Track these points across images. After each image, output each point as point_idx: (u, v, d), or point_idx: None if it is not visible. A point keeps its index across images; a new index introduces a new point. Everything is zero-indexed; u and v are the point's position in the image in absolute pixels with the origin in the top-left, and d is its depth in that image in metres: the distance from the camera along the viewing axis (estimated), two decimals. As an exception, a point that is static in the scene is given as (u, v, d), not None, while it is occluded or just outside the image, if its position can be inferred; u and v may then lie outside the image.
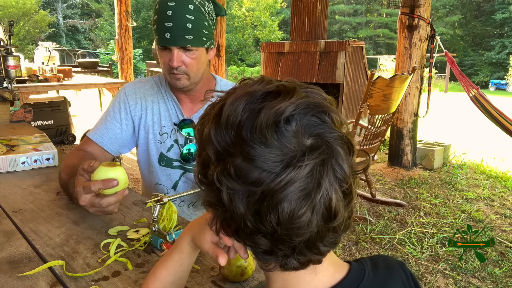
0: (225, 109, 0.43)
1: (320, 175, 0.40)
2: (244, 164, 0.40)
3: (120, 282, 0.77)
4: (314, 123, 0.41)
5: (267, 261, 0.46)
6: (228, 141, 0.42)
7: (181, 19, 1.12)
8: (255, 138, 0.40)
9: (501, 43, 24.89)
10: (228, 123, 0.42)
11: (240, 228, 0.43)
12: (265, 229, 0.42)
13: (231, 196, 0.41)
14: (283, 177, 0.39)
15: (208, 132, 0.43)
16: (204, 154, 0.44)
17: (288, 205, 0.40)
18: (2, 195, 1.20)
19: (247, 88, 0.44)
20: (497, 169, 4.62)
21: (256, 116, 0.41)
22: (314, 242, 0.43)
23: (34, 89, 3.77)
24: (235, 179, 0.41)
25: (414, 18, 3.74)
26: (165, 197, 0.86)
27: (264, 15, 23.96)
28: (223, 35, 5.44)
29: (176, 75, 1.19)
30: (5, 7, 20.61)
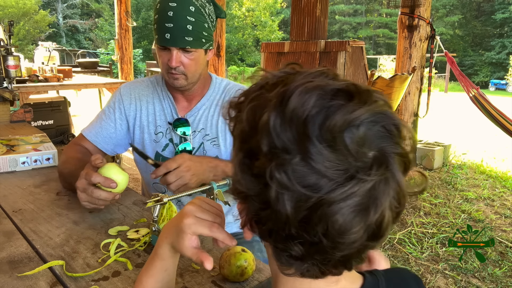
0: (292, 100, 0.38)
1: (381, 193, 0.38)
2: (302, 165, 0.37)
3: (120, 282, 0.77)
4: (380, 135, 0.38)
5: (290, 265, 0.43)
6: (289, 136, 0.38)
7: (181, 20, 1.13)
8: (323, 139, 0.36)
9: (501, 43, 24.90)
10: (294, 116, 0.38)
11: (277, 230, 0.40)
12: (308, 237, 0.39)
13: (280, 195, 0.38)
14: (345, 189, 0.36)
15: (267, 121, 0.38)
16: (254, 142, 0.40)
17: (341, 218, 0.37)
18: (2, 195, 1.20)
19: (316, 80, 0.40)
20: (497, 169, 4.62)
21: (328, 115, 0.37)
22: (350, 259, 0.41)
23: (34, 89, 3.77)
24: (291, 179, 0.37)
25: (414, 18, 3.74)
26: (165, 197, 0.86)
27: (264, 15, 23.97)
28: (223, 35, 5.44)
29: (174, 75, 1.21)
30: (5, 7, 20.62)
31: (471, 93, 3.69)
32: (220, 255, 0.81)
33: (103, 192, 0.98)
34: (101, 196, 0.98)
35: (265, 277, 0.79)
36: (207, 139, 1.29)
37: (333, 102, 0.38)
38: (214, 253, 0.89)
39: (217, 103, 1.32)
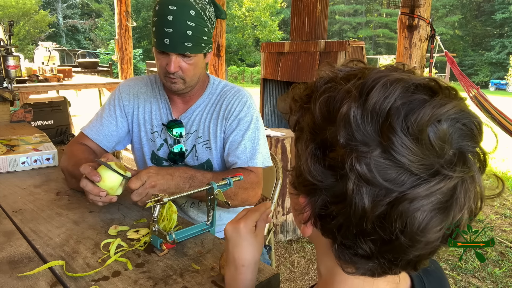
0: (374, 92, 0.37)
1: (463, 193, 0.37)
2: (384, 157, 0.36)
3: (120, 282, 0.77)
4: (462, 133, 0.37)
5: (354, 263, 0.42)
6: (369, 128, 0.37)
7: (181, 25, 1.10)
8: (408, 131, 0.35)
9: (501, 43, 24.90)
10: (376, 108, 0.37)
11: (347, 225, 0.39)
12: (382, 234, 0.37)
13: (359, 188, 0.36)
14: (430, 185, 0.35)
15: (347, 112, 0.37)
16: (331, 133, 0.39)
17: (422, 216, 0.36)
18: (2, 195, 1.20)
19: (396, 73, 0.39)
20: (497, 169, 4.62)
21: (412, 108, 0.36)
22: (421, 260, 0.40)
23: (34, 89, 3.77)
24: (372, 171, 0.35)
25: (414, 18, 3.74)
26: (165, 197, 0.86)
27: (264, 15, 23.96)
28: (223, 35, 5.43)
29: (172, 79, 1.19)
30: (5, 7, 20.61)
31: (471, 93, 3.69)
32: (220, 255, 0.81)
33: (95, 188, 0.99)
34: (93, 191, 0.99)
35: (265, 277, 0.79)
36: (199, 141, 1.28)
37: (416, 96, 0.37)
38: (214, 253, 0.89)
39: (211, 105, 1.30)
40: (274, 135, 2.65)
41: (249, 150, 1.23)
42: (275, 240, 2.71)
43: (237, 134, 1.24)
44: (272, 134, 2.69)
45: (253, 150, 1.23)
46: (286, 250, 2.62)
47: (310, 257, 2.53)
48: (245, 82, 20.71)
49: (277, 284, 0.81)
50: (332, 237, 0.42)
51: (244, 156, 1.22)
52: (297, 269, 2.40)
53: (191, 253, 0.88)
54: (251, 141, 1.24)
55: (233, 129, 1.24)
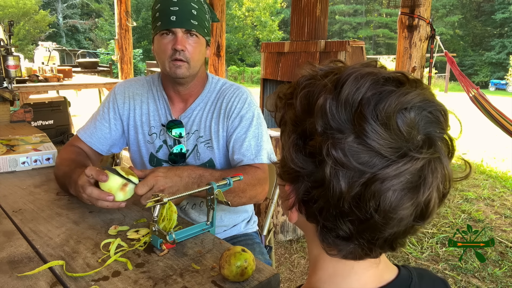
0: (347, 85, 0.41)
1: (430, 173, 0.40)
2: (357, 142, 0.39)
3: (120, 282, 0.77)
4: (428, 120, 0.41)
5: (336, 246, 0.45)
6: (343, 117, 0.41)
7: (187, 4, 1.15)
8: (378, 118, 0.39)
9: (501, 43, 24.89)
10: (349, 99, 0.41)
11: (327, 207, 0.42)
12: (359, 214, 0.41)
13: (335, 172, 0.40)
14: (398, 166, 0.39)
15: (323, 103, 0.42)
16: (309, 123, 0.43)
17: (393, 194, 0.39)
18: (2, 195, 1.20)
19: (368, 68, 0.43)
20: (497, 169, 4.62)
21: (381, 98, 0.40)
22: (396, 238, 0.44)
23: (34, 89, 3.77)
24: (347, 155, 0.39)
25: (414, 18, 3.74)
26: (165, 197, 0.86)
27: (264, 15, 23.96)
28: (223, 35, 5.43)
29: (177, 62, 1.17)
30: (5, 7, 20.61)
31: (471, 93, 3.69)
32: (220, 255, 0.81)
33: (95, 191, 0.98)
34: (93, 194, 0.98)
35: (265, 277, 0.79)
36: (200, 141, 1.27)
37: (385, 87, 0.41)
38: (214, 253, 0.89)
39: (211, 104, 1.28)
40: (274, 135, 2.65)
41: (254, 147, 1.23)
42: (275, 240, 2.71)
43: (240, 132, 1.23)
44: (272, 134, 2.69)
45: (257, 146, 1.23)
46: (286, 250, 2.62)
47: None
48: (245, 82, 20.70)
49: (277, 284, 0.81)
50: (315, 220, 0.45)
51: (249, 153, 1.22)
52: (297, 269, 2.40)
53: (191, 253, 0.88)
54: (255, 137, 1.24)
55: (235, 127, 1.24)
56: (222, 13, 5.42)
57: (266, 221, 1.48)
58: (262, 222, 1.51)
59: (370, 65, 0.45)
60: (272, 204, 1.47)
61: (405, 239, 0.45)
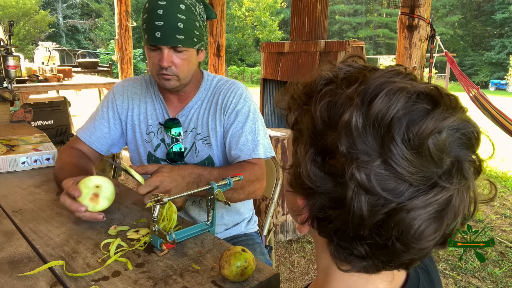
0: (378, 101, 0.37)
1: (459, 202, 0.37)
2: (384, 168, 0.36)
3: (120, 282, 0.77)
4: (459, 142, 0.37)
5: (349, 262, 0.43)
6: (370, 138, 0.37)
7: (172, 18, 1.10)
8: (409, 143, 0.35)
9: (501, 43, 24.89)
10: (378, 118, 0.36)
11: (344, 229, 0.39)
12: (378, 240, 0.38)
13: (357, 196, 0.37)
14: (428, 197, 0.36)
15: (349, 120, 0.37)
16: (331, 139, 0.39)
17: (418, 224, 0.37)
18: (2, 195, 1.20)
19: (398, 81, 0.39)
20: (497, 169, 4.62)
21: (414, 119, 0.36)
22: (415, 261, 0.42)
23: (34, 89, 3.77)
24: (372, 181, 0.36)
25: (414, 18, 3.74)
26: (165, 197, 0.86)
27: (264, 15, 23.96)
28: (223, 35, 5.43)
29: (165, 76, 1.16)
30: (5, 7, 20.61)
31: (471, 93, 3.69)
32: (220, 255, 0.81)
33: (68, 200, 0.98)
34: (66, 202, 0.98)
35: (265, 277, 0.79)
36: (198, 138, 1.27)
37: (418, 105, 0.37)
38: (214, 253, 0.89)
39: (208, 101, 1.28)
40: (274, 135, 2.65)
41: (251, 142, 1.22)
42: (275, 240, 2.71)
43: (236, 127, 1.23)
44: (272, 134, 2.68)
45: (254, 141, 1.23)
46: (286, 250, 2.62)
47: (310, 257, 2.53)
48: (245, 82, 20.71)
49: (277, 284, 0.81)
50: (329, 238, 0.43)
51: (246, 149, 1.21)
52: (297, 269, 2.40)
53: (191, 253, 0.88)
54: (252, 132, 1.23)
55: (231, 122, 1.24)
56: (222, 13, 5.42)
57: (266, 221, 1.48)
58: (262, 222, 1.51)
59: (399, 73, 0.41)
60: (272, 204, 1.47)
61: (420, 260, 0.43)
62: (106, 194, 1.01)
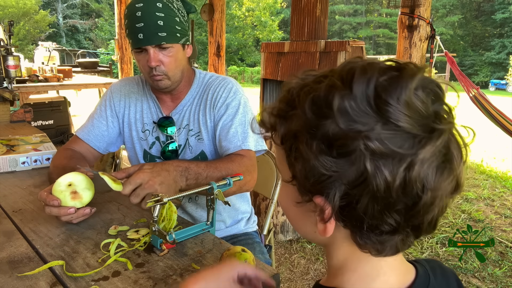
0: (357, 78, 0.41)
1: (454, 143, 0.42)
2: (387, 128, 0.39)
3: (120, 282, 0.77)
4: (432, 95, 0.42)
5: (381, 243, 0.45)
6: (364, 109, 0.40)
7: (151, 17, 1.11)
8: (400, 100, 0.39)
9: (501, 43, 24.88)
10: (364, 90, 0.41)
11: (373, 203, 0.41)
12: (406, 200, 0.40)
13: (377, 163, 0.39)
14: (433, 142, 0.39)
15: (341, 102, 0.41)
16: (330, 124, 0.41)
17: (434, 171, 0.40)
18: (2, 195, 1.20)
19: (362, 61, 0.44)
20: (497, 169, 4.62)
21: (393, 82, 0.41)
22: (438, 216, 0.44)
23: (34, 89, 3.77)
24: (384, 142, 0.39)
25: (414, 18, 3.74)
26: (165, 197, 0.86)
27: (264, 15, 23.96)
28: (223, 35, 5.43)
29: (156, 76, 1.18)
30: (5, 7, 20.61)
31: (471, 93, 3.68)
32: (220, 255, 0.81)
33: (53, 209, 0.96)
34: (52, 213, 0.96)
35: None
36: (191, 134, 1.28)
37: (390, 73, 0.41)
38: (214, 253, 0.89)
39: (199, 97, 1.30)
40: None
41: (241, 134, 1.22)
42: (275, 240, 2.71)
43: (226, 119, 1.23)
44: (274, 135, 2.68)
45: (244, 133, 1.22)
46: (286, 250, 2.62)
47: (310, 257, 2.53)
48: (245, 82, 20.70)
49: (277, 284, 0.81)
50: (358, 223, 0.44)
51: (235, 140, 1.21)
52: (297, 269, 2.40)
53: (191, 253, 0.88)
54: (242, 125, 1.23)
55: (221, 115, 1.24)
56: (222, 13, 5.42)
57: (266, 221, 1.49)
58: (262, 222, 1.51)
59: (358, 59, 0.45)
60: (272, 204, 1.47)
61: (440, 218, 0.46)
62: (82, 185, 0.99)
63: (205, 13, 5.37)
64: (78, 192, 0.98)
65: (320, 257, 2.53)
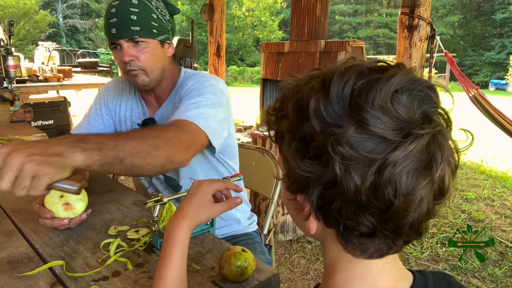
0: (334, 81, 0.42)
1: (437, 148, 0.40)
2: (359, 132, 0.39)
3: (120, 282, 0.77)
4: (421, 98, 0.41)
5: (361, 245, 0.45)
6: (338, 112, 0.41)
7: (124, 12, 1.10)
8: (375, 105, 0.39)
9: (501, 43, 24.88)
10: (340, 93, 0.41)
11: (346, 205, 0.42)
12: (378, 204, 0.40)
13: (346, 166, 0.40)
14: (406, 146, 0.39)
15: (316, 104, 0.42)
16: (307, 126, 0.42)
17: (407, 176, 0.39)
18: (2, 195, 1.20)
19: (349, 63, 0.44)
20: (497, 169, 4.62)
21: (372, 85, 0.41)
22: (421, 221, 0.43)
23: (34, 89, 3.77)
24: (353, 147, 0.39)
25: (414, 18, 3.74)
26: (165, 197, 0.86)
27: (264, 15, 23.96)
28: (223, 35, 5.43)
29: (132, 72, 1.15)
30: (5, 7, 20.61)
31: (471, 93, 3.69)
32: (220, 255, 0.81)
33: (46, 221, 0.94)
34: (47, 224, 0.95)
35: (265, 277, 0.79)
36: None
37: (371, 76, 0.41)
38: (214, 253, 0.89)
39: (177, 95, 1.23)
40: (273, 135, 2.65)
41: (193, 109, 1.07)
42: (275, 240, 2.71)
43: (185, 102, 1.11)
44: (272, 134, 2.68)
45: (197, 110, 1.07)
46: (286, 250, 2.62)
47: (310, 257, 2.53)
48: (245, 82, 20.70)
49: (277, 284, 0.81)
50: (335, 223, 0.44)
51: (181, 112, 1.06)
52: (297, 269, 2.40)
53: (191, 253, 0.88)
54: (197, 104, 1.09)
55: (183, 98, 1.14)
56: (222, 13, 5.42)
57: (266, 221, 1.48)
58: (262, 222, 1.51)
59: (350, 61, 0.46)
60: (272, 204, 1.47)
61: (428, 223, 0.45)
62: (74, 196, 0.94)
63: (205, 13, 5.37)
64: (70, 204, 0.95)
65: (320, 257, 2.53)
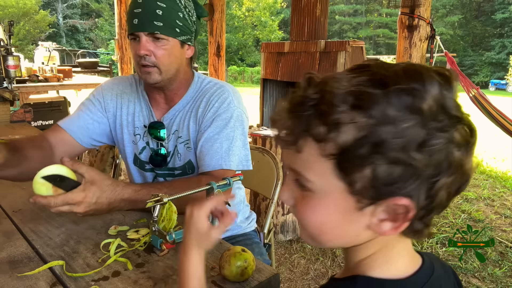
0: (429, 84, 0.44)
1: None
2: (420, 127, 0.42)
3: (120, 282, 0.77)
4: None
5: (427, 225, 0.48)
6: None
7: (151, 5, 1.07)
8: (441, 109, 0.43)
9: (501, 43, 24.88)
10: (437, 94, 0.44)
11: (448, 191, 0.46)
12: (461, 180, 0.47)
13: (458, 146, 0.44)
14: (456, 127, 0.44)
15: (431, 105, 0.43)
16: (383, 133, 0.41)
17: (459, 152, 0.45)
18: (2, 195, 1.20)
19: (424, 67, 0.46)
20: (497, 169, 4.62)
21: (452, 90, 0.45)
22: (454, 196, 0.49)
23: (34, 89, 3.77)
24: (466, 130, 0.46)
25: (414, 18, 3.74)
26: (165, 197, 0.86)
27: (264, 15, 23.97)
28: (223, 35, 5.43)
29: (145, 68, 1.11)
30: (5, 7, 20.61)
31: (471, 93, 3.69)
32: (220, 255, 0.81)
33: None
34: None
35: (265, 277, 0.79)
36: (180, 141, 1.21)
37: None
38: (214, 253, 0.89)
39: (192, 103, 1.22)
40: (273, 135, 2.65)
41: (225, 150, 1.13)
42: (275, 240, 2.71)
43: (212, 132, 1.15)
44: (272, 134, 2.68)
45: (228, 150, 1.14)
46: (286, 250, 2.62)
47: (310, 257, 2.53)
48: (245, 82, 20.70)
49: (277, 284, 0.81)
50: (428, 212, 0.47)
51: (217, 156, 1.12)
52: (297, 269, 2.40)
53: (191, 253, 0.88)
54: (228, 140, 1.14)
55: (208, 125, 1.16)
56: (222, 13, 5.42)
57: (266, 221, 1.48)
58: (262, 222, 1.51)
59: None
60: (272, 204, 1.47)
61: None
62: None
63: (205, 13, 5.37)
64: None
65: (320, 257, 2.53)
